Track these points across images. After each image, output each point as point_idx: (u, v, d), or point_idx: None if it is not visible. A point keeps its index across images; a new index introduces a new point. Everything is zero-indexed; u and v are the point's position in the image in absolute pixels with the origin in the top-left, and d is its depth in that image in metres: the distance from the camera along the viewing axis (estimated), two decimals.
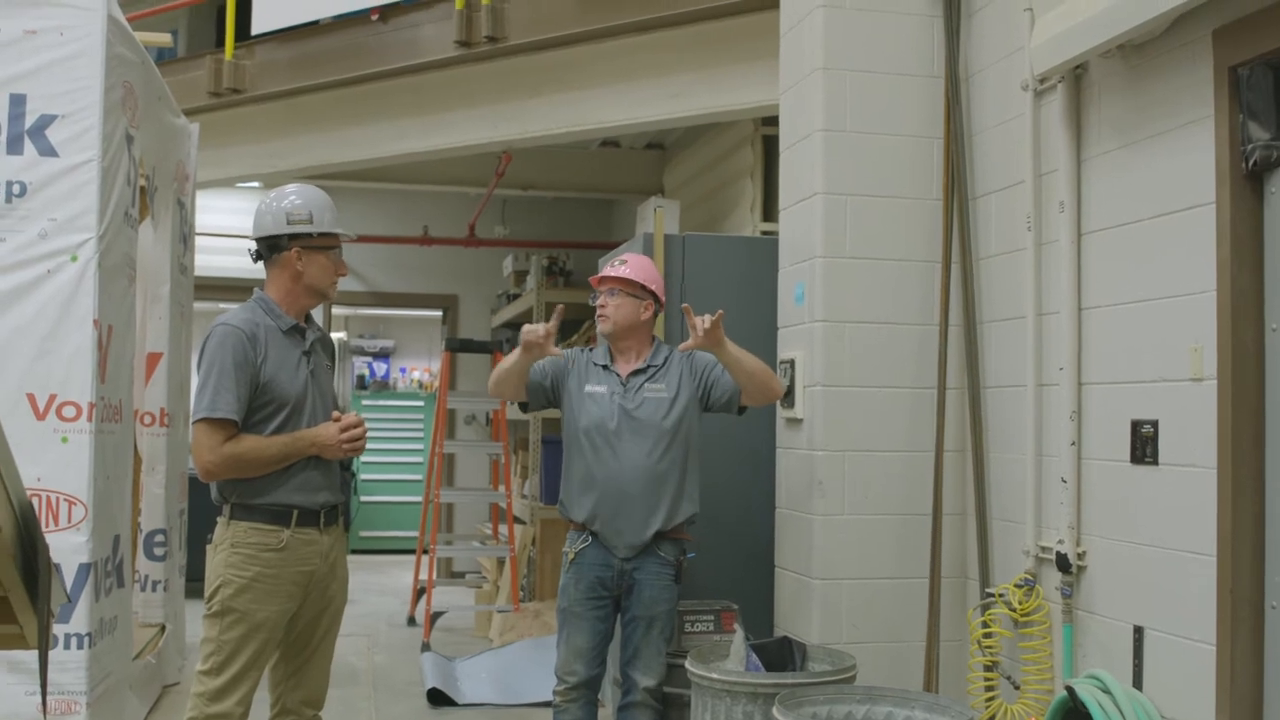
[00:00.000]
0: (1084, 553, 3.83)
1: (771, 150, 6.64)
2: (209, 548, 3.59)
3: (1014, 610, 4.06)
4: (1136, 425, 3.56)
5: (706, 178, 8.31)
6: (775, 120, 5.09)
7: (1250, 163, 3.16)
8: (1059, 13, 3.84)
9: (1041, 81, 4.03)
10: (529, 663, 6.41)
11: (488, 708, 6.05)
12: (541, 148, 7.98)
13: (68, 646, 4.56)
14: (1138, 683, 3.53)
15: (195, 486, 5.61)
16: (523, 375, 4.25)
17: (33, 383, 4.57)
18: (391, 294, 11.49)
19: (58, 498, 4.54)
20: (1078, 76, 3.90)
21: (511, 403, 4.60)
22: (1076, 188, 3.89)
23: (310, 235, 3.65)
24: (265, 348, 3.53)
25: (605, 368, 4.31)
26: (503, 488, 8.41)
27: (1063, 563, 3.85)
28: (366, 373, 13.52)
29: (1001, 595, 4.12)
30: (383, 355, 13.71)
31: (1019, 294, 4.18)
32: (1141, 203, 3.58)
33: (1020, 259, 4.16)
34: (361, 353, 13.61)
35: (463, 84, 7.01)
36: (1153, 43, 3.51)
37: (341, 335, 13.29)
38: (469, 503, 10.89)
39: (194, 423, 3.48)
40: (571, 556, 4.24)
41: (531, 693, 6.03)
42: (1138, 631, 3.54)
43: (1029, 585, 4.03)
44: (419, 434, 12.71)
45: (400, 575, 10.25)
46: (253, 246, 3.72)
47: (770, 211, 6.88)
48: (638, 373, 4.28)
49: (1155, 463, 3.49)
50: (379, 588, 9.92)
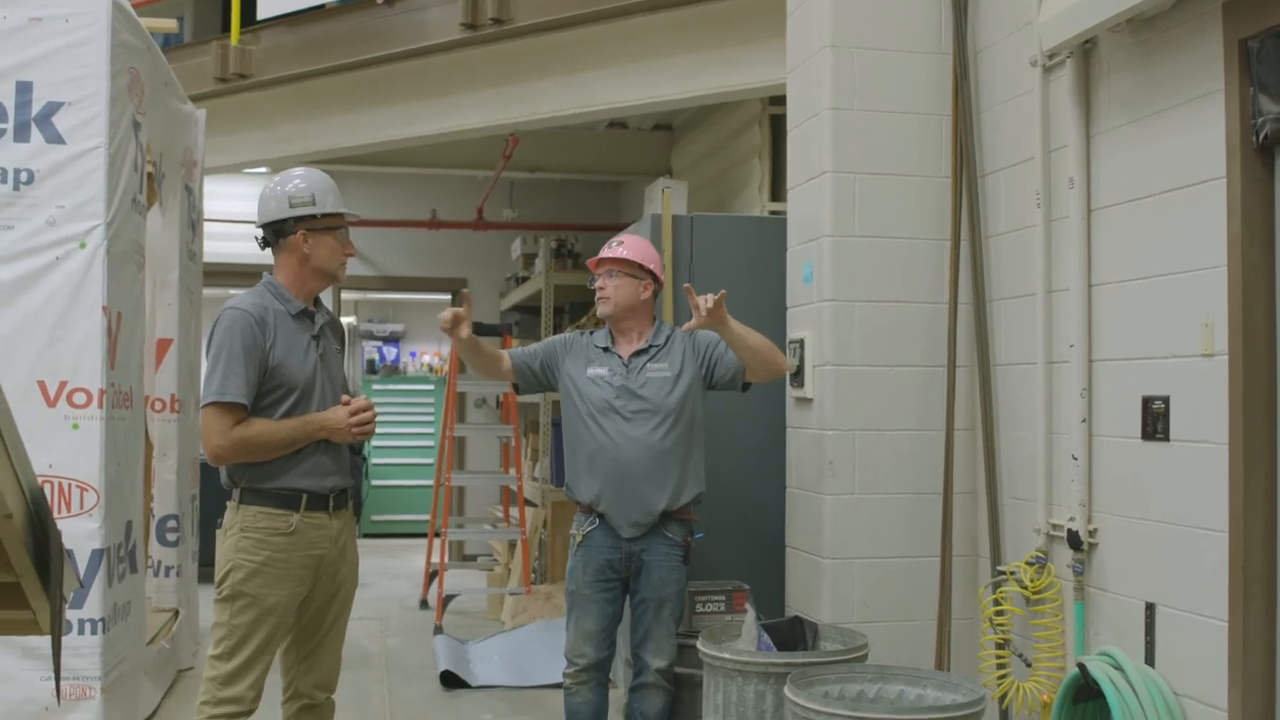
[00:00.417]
0: (1095, 530, 3.82)
1: (779, 130, 6.62)
2: (219, 532, 3.60)
3: (1025, 588, 4.05)
4: (1148, 401, 3.55)
5: (714, 158, 8.28)
6: (783, 100, 5.07)
7: (1261, 136, 3.14)
8: None
9: (1050, 57, 4.01)
10: (541, 645, 6.42)
11: (500, 690, 6.06)
12: (549, 130, 7.96)
13: (81, 632, 4.58)
14: (1150, 659, 3.52)
15: (207, 472, 5.62)
16: (474, 357, 4.34)
17: (43, 370, 4.58)
18: (400, 278, 11.49)
19: (69, 484, 4.56)
20: (1087, 52, 3.87)
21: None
22: (1086, 164, 3.87)
23: (315, 217, 3.65)
24: (274, 332, 3.53)
25: (606, 350, 4.31)
26: (513, 470, 8.41)
27: (1074, 540, 3.85)
28: (376, 357, 13.53)
29: (1013, 573, 4.12)
30: (392, 339, 13.72)
31: (1029, 271, 4.16)
32: (1151, 178, 3.56)
33: (1030, 236, 4.15)
34: (371, 337, 13.62)
35: (469, 66, 6.99)
36: (1162, 16, 3.48)
37: (351, 320, 13.30)
38: (480, 486, 10.90)
39: (203, 407, 3.48)
40: (579, 539, 4.24)
41: (544, 674, 6.04)
42: (1149, 608, 3.54)
43: (1040, 563, 4.03)
44: (429, 418, 12.73)
45: (412, 559, 10.26)
46: (259, 232, 3.72)
47: (778, 191, 6.86)
48: (639, 353, 4.27)
49: (1166, 439, 3.48)
50: (391, 571, 9.95)
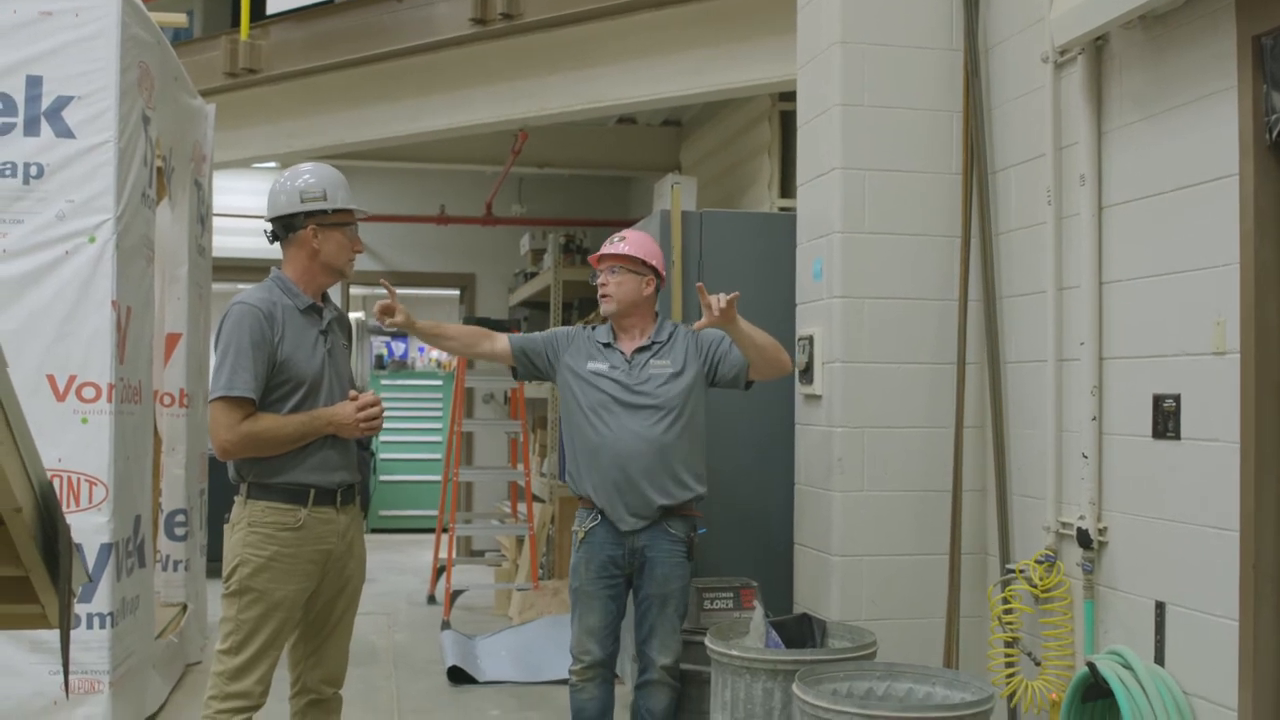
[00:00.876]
0: (1105, 528, 3.81)
1: (789, 126, 6.60)
2: (226, 527, 3.60)
3: (1035, 586, 4.04)
4: (1158, 400, 3.54)
5: (724, 154, 8.27)
6: (793, 96, 5.06)
7: (1274, 134, 3.12)
8: None
9: (1062, 53, 3.99)
10: (549, 640, 6.43)
11: (508, 685, 6.06)
12: (558, 125, 7.96)
13: (90, 626, 4.59)
14: (1159, 659, 3.51)
15: (215, 466, 5.63)
16: (443, 342, 4.48)
17: (52, 364, 4.58)
18: (409, 273, 11.49)
19: (78, 478, 4.56)
20: (1098, 48, 3.86)
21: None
22: (1097, 161, 3.86)
23: (325, 212, 3.65)
24: (282, 326, 3.53)
25: (608, 345, 4.29)
26: (521, 466, 8.42)
27: (1084, 538, 3.84)
28: (385, 352, 13.55)
29: (1022, 571, 4.11)
30: (401, 334, 13.73)
31: (1039, 268, 4.15)
32: (1163, 175, 3.54)
33: (1040, 233, 4.13)
34: (379, 332, 13.62)
35: (479, 62, 6.99)
36: (1174, 13, 3.46)
37: (359, 315, 13.31)
38: (488, 481, 10.91)
39: (211, 401, 3.48)
40: (582, 535, 4.22)
41: (551, 670, 6.04)
42: (1159, 607, 3.52)
43: (1050, 561, 4.02)
44: (437, 413, 12.74)
45: (419, 554, 10.28)
46: (268, 227, 3.71)
47: (788, 187, 6.85)
48: (642, 349, 4.25)
49: (1177, 437, 3.47)
50: (399, 566, 9.96)
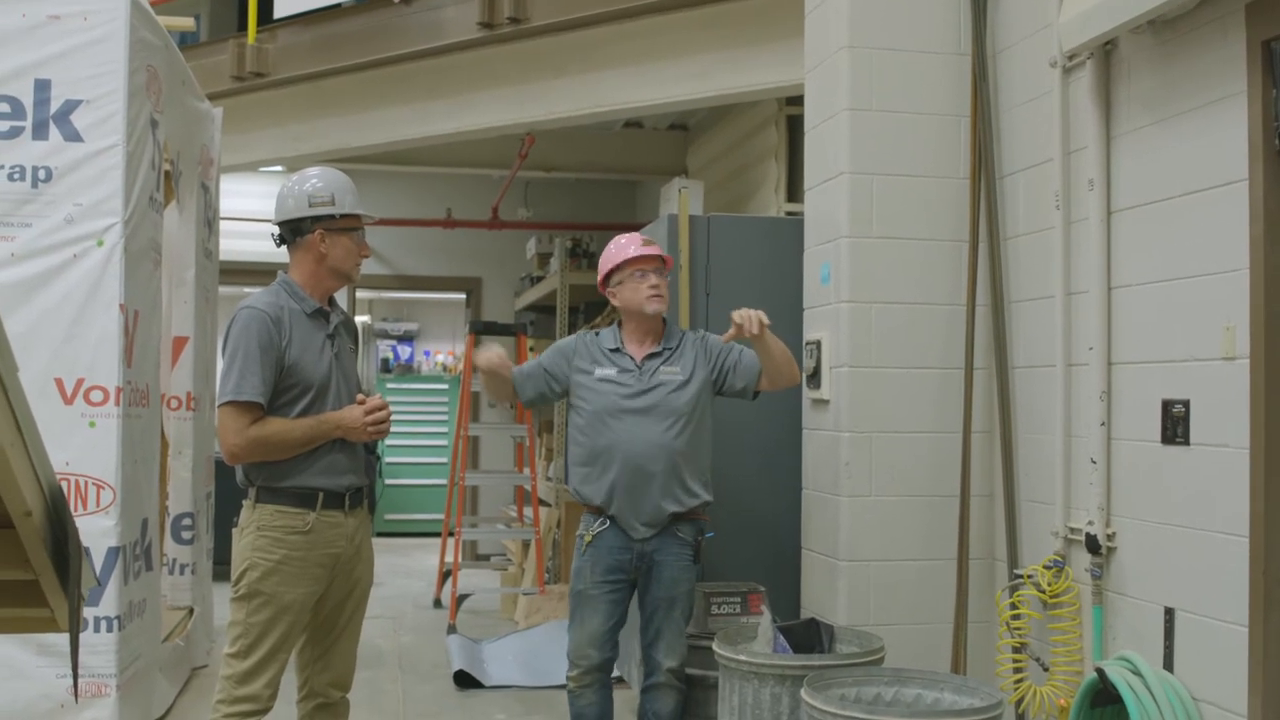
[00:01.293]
0: (1114, 534, 3.80)
1: (796, 130, 6.60)
2: (235, 531, 3.60)
3: (1043, 592, 4.03)
4: (1167, 405, 3.53)
5: (730, 158, 8.27)
6: (799, 100, 5.06)
7: None
8: None
9: (1070, 58, 3.99)
10: (555, 645, 6.41)
11: (514, 689, 6.06)
12: (565, 129, 7.95)
13: (97, 629, 4.59)
14: (1168, 664, 3.50)
15: (222, 470, 5.63)
16: (501, 391, 4.36)
17: (60, 367, 4.59)
18: (415, 277, 11.50)
19: (86, 481, 4.57)
20: (1107, 53, 3.85)
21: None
22: (1106, 165, 3.85)
23: (333, 217, 3.65)
24: (290, 330, 3.53)
25: (616, 350, 4.27)
26: (527, 470, 8.41)
27: (1092, 544, 3.83)
28: (390, 356, 13.55)
29: (1030, 577, 4.10)
30: (407, 338, 13.74)
31: (1047, 273, 4.14)
32: (1172, 180, 3.54)
33: (1049, 238, 4.13)
34: (385, 336, 13.64)
35: (486, 65, 6.99)
36: (1184, 17, 3.46)
37: (366, 318, 13.32)
38: (494, 485, 10.91)
39: (219, 406, 3.48)
40: (589, 539, 4.19)
41: (557, 674, 5.99)
42: (1168, 613, 3.52)
43: (1058, 566, 4.01)
44: (443, 417, 12.74)
45: (425, 558, 10.27)
46: (275, 230, 3.72)
47: (795, 192, 6.85)
48: (652, 355, 4.24)
49: (1186, 443, 3.46)
50: (405, 570, 9.96)
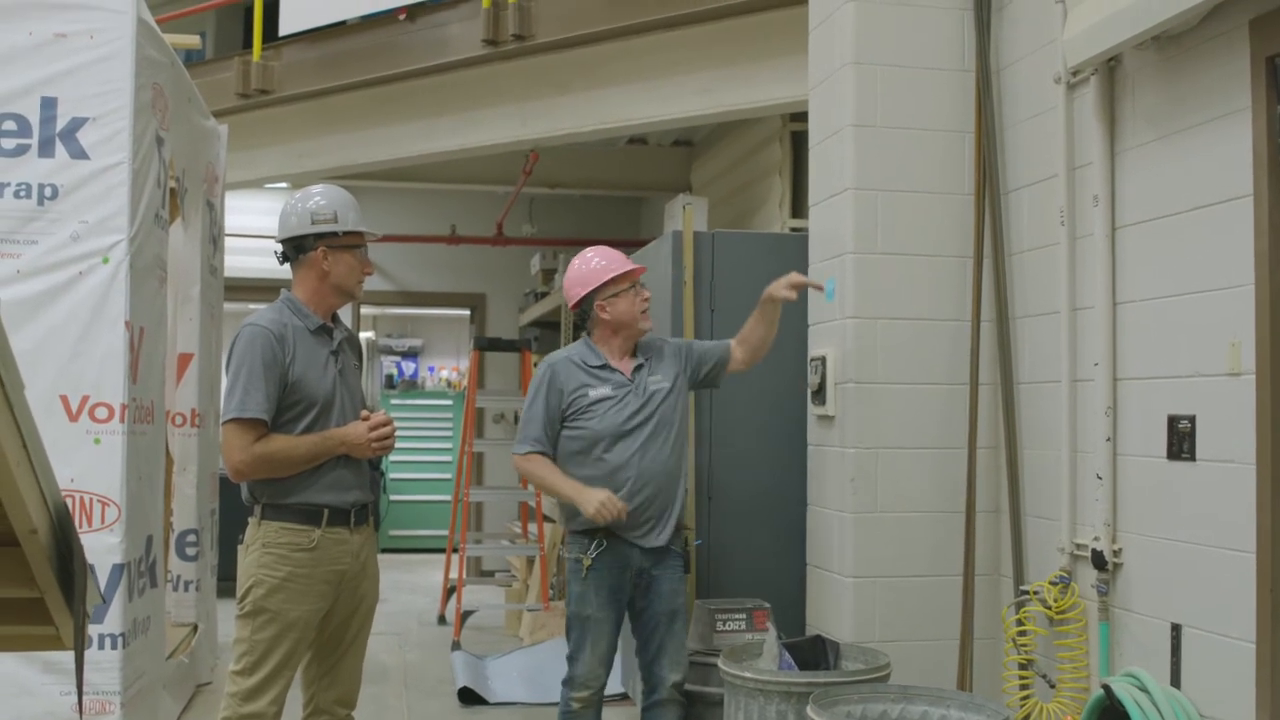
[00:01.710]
0: (1120, 550, 3.79)
1: (800, 146, 6.61)
2: (240, 548, 3.60)
3: (1049, 608, 4.02)
4: (1173, 421, 3.52)
5: (735, 174, 8.28)
6: (804, 116, 5.06)
7: None
8: (1092, 4, 3.80)
9: (1074, 74, 3.99)
10: (559, 661, 6.32)
11: (519, 706, 6.04)
12: (569, 145, 7.97)
13: (102, 647, 4.58)
14: (1176, 681, 3.49)
15: (226, 486, 5.64)
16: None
17: (66, 384, 4.59)
18: (419, 293, 11.51)
19: (91, 498, 4.57)
20: (1111, 69, 3.86)
21: None
22: (1111, 181, 3.85)
23: (336, 234, 3.65)
24: (293, 347, 3.54)
25: (604, 367, 4.23)
26: (532, 486, 8.40)
27: (1098, 560, 3.82)
28: (395, 372, 13.55)
29: (1036, 593, 4.09)
30: (411, 354, 13.74)
31: (1053, 289, 4.14)
32: (1177, 196, 3.54)
33: (1054, 253, 4.13)
34: (390, 352, 13.64)
35: (491, 82, 7.01)
36: (1188, 34, 3.46)
37: (370, 334, 13.32)
38: (498, 501, 10.87)
39: (224, 423, 3.48)
40: (588, 563, 4.12)
41: None
42: (1175, 629, 3.50)
43: (1064, 583, 4.00)
44: (448, 433, 12.73)
45: (430, 574, 10.26)
46: (278, 248, 3.72)
47: (799, 208, 6.85)
48: (639, 368, 4.25)
49: (1193, 459, 3.45)
50: (409, 586, 9.94)
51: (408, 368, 13.65)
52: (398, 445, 3.79)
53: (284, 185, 9.22)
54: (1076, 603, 3.96)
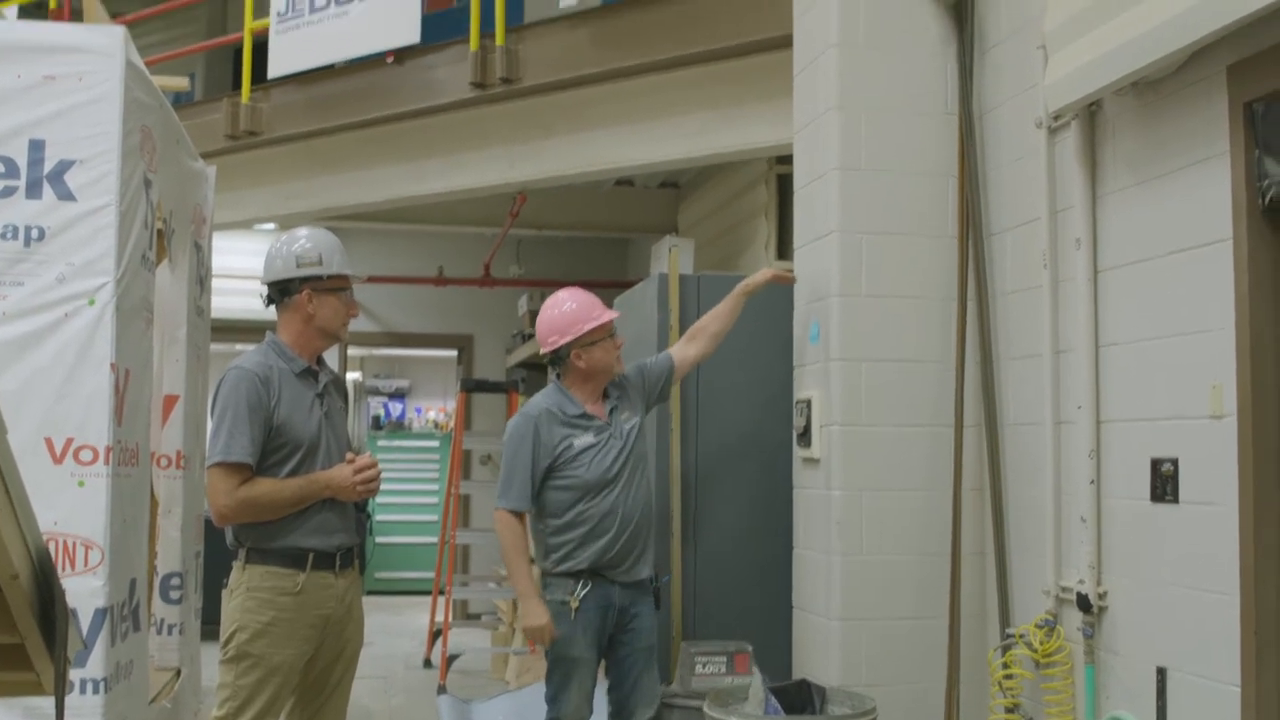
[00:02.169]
0: (1105, 592, 3.79)
1: (785, 189, 6.64)
2: (224, 592, 3.58)
3: (1035, 651, 4.01)
4: (1156, 463, 3.53)
5: (721, 216, 8.32)
6: (789, 159, 5.10)
7: (1267, 199, 3.14)
8: (1072, 50, 3.84)
9: (1055, 118, 4.03)
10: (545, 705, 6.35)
11: None
12: (556, 187, 8.00)
13: (83, 691, 4.53)
14: None
15: (211, 529, 5.59)
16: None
17: (50, 427, 4.56)
18: (406, 334, 11.51)
19: (74, 542, 4.53)
20: (1092, 114, 3.90)
21: None
22: (1092, 224, 3.88)
23: (320, 278, 3.66)
24: (279, 390, 3.54)
25: (583, 415, 4.26)
26: None
27: (1083, 603, 3.82)
28: (382, 413, 13.53)
29: (1022, 636, 4.08)
30: (398, 395, 13.72)
31: (1036, 331, 4.16)
32: (1158, 239, 3.57)
33: (1036, 296, 4.15)
34: (377, 393, 13.62)
35: (478, 125, 7.04)
36: (1167, 79, 3.50)
37: (357, 375, 13.31)
38: (485, 543, 10.83)
39: (209, 467, 3.48)
40: (575, 605, 4.13)
41: None
42: (1161, 672, 3.50)
43: (1050, 625, 3.99)
44: (434, 474, 12.70)
45: (416, 616, 10.21)
46: (263, 290, 3.73)
47: (785, 250, 6.88)
48: (612, 410, 4.31)
49: (1176, 501, 3.46)
50: (395, 629, 9.89)
51: (395, 409, 13.63)
52: (384, 487, 3.79)
53: (272, 226, 9.23)
54: (1062, 646, 3.96)
